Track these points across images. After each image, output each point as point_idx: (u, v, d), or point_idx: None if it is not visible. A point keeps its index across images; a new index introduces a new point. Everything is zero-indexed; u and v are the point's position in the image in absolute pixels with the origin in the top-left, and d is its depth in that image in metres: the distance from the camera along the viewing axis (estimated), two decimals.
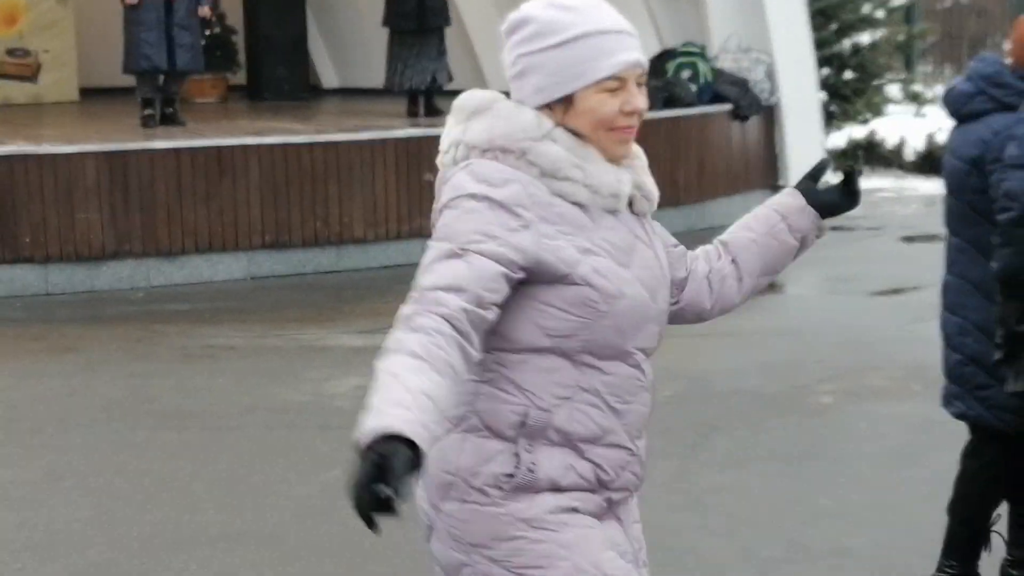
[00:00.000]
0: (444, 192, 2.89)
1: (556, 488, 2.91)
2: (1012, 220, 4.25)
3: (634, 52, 2.92)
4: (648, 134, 14.86)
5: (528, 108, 2.92)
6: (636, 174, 3.02)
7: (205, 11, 12.97)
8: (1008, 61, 4.94)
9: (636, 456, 3.00)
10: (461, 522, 2.93)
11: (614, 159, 2.95)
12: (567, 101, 2.91)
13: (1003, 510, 5.20)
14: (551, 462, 2.91)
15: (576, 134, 2.92)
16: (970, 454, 5.14)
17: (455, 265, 2.76)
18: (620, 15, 2.97)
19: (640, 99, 2.92)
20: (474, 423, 2.93)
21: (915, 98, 19.38)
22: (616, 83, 2.89)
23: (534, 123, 2.89)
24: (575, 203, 2.90)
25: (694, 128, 13.90)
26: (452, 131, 2.96)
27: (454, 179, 2.88)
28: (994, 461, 5.06)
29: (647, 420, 3.04)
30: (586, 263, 2.86)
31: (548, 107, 2.92)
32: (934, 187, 17.23)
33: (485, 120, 2.92)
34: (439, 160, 2.99)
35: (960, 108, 4.97)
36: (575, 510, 2.94)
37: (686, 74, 14.27)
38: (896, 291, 11.05)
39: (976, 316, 4.91)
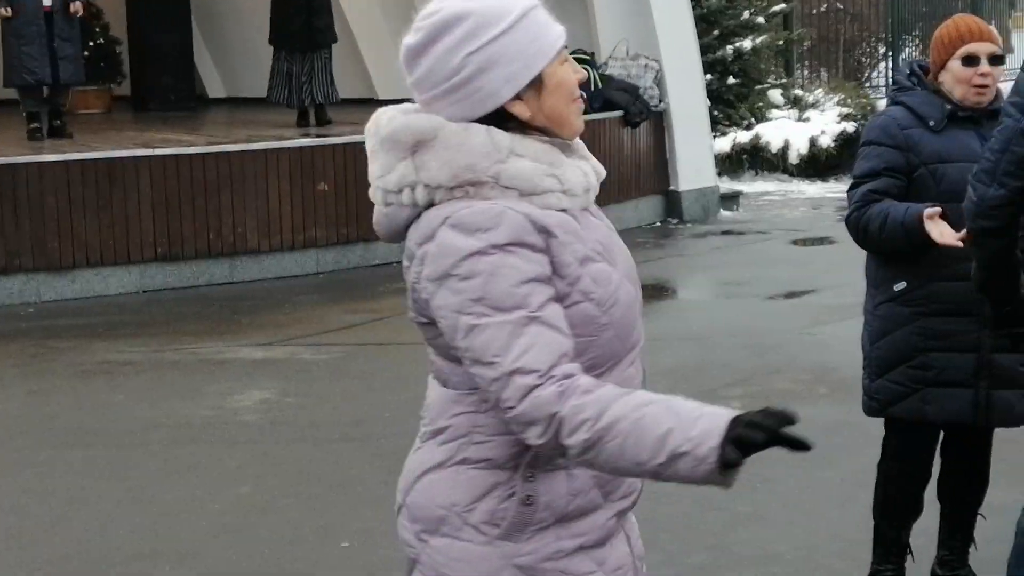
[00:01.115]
0: (435, 258, 2.65)
1: (561, 519, 2.77)
2: (971, 237, 4.30)
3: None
4: None
5: (476, 127, 2.68)
6: (586, 159, 2.87)
7: (77, 6, 12.69)
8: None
9: None
10: (451, 560, 2.78)
11: (575, 133, 2.80)
12: (537, 82, 2.71)
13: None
14: (553, 491, 2.76)
15: (532, 127, 2.73)
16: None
17: (536, 332, 2.60)
18: None
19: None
20: (470, 455, 2.78)
21: (796, 102, 19.57)
22: (564, 50, 2.77)
23: (490, 144, 2.67)
24: (560, 210, 2.73)
25: (585, 135, 13.80)
26: (397, 168, 2.70)
27: (441, 241, 2.64)
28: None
29: None
30: (585, 275, 2.71)
31: (518, 98, 2.71)
32: (819, 190, 17.46)
33: (436, 153, 2.67)
34: (382, 199, 2.74)
35: None
36: (580, 548, 2.79)
37: None
38: (791, 295, 11.16)
39: None
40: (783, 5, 20.48)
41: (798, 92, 19.81)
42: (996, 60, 4.89)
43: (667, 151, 15.09)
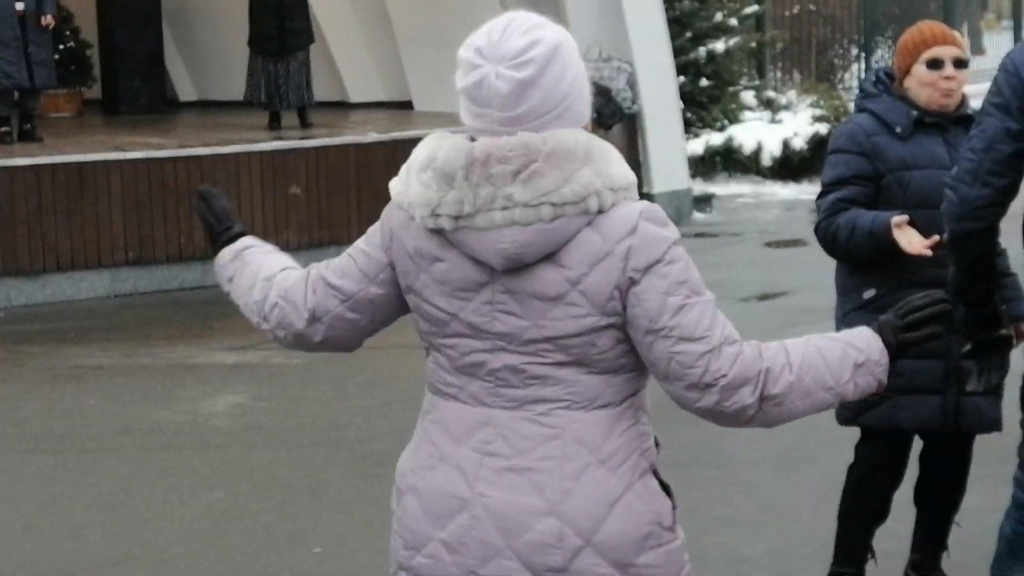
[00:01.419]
0: (641, 248, 2.77)
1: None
2: (948, 240, 4.26)
3: None
4: None
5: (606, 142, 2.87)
6: None
7: (48, 19, 12.66)
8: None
9: None
10: (658, 568, 2.88)
11: None
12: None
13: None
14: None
15: None
16: None
17: (718, 312, 2.84)
18: None
19: None
20: (644, 466, 2.90)
21: (768, 104, 19.59)
22: None
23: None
24: None
25: None
26: (577, 178, 2.74)
27: (645, 233, 2.78)
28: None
29: None
30: None
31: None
32: (792, 192, 17.46)
33: (607, 162, 2.79)
34: (550, 214, 2.75)
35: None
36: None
37: None
38: (764, 297, 11.15)
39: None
40: (755, 7, 20.49)
41: (771, 94, 19.81)
42: (961, 64, 4.90)
43: (640, 153, 15.07)
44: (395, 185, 2.92)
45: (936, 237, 4.51)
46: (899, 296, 4.75)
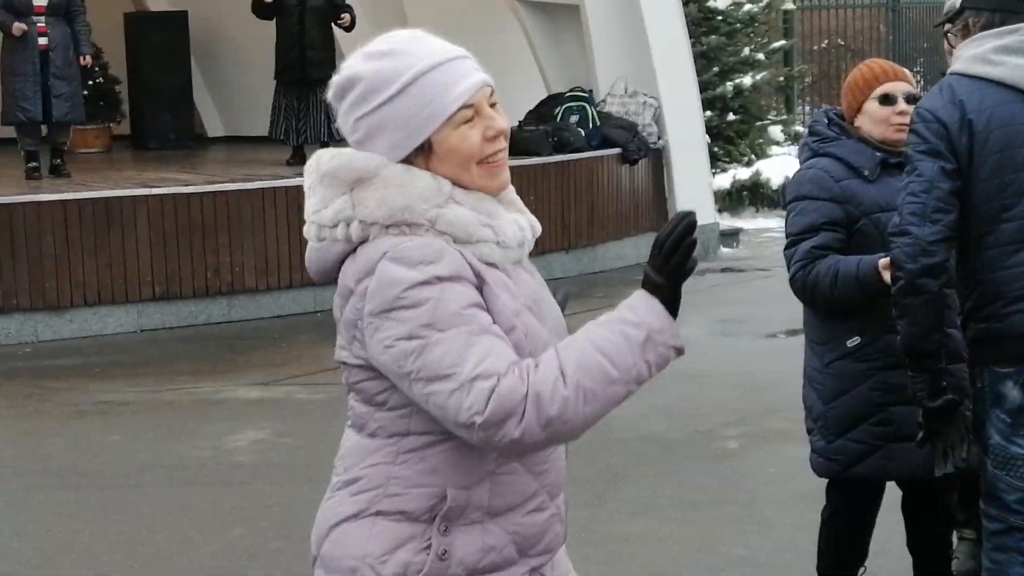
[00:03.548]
0: (376, 292, 2.65)
1: (472, 573, 2.77)
2: (900, 289, 4.26)
3: (477, 73, 2.76)
4: (538, 178, 14.84)
5: (419, 171, 2.71)
6: (523, 213, 2.88)
7: (87, 60, 12.83)
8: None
9: (557, 514, 2.89)
10: None
11: (495, 193, 2.79)
12: (426, 148, 2.73)
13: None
14: (467, 546, 2.77)
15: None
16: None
17: (490, 342, 2.63)
18: (445, 41, 2.82)
19: (501, 119, 2.77)
20: (385, 507, 2.78)
21: (796, 139, 19.56)
22: (470, 111, 2.72)
23: (433, 187, 2.69)
24: (489, 264, 2.74)
25: (583, 172, 13.93)
26: (334, 203, 2.71)
27: (382, 275, 2.65)
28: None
29: (565, 475, 2.94)
30: (519, 328, 2.72)
31: (406, 161, 2.73)
32: None
33: (375, 191, 2.68)
34: (316, 234, 2.75)
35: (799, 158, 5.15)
36: None
37: (574, 118, 14.31)
38: (791, 332, 11.11)
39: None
40: (783, 42, 20.51)
41: (799, 128, 19.81)
42: (912, 99, 4.85)
43: (666, 188, 15.07)
44: None
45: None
46: (885, 340, 4.70)
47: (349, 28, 13.78)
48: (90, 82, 15.38)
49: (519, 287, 2.77)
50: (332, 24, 13.79)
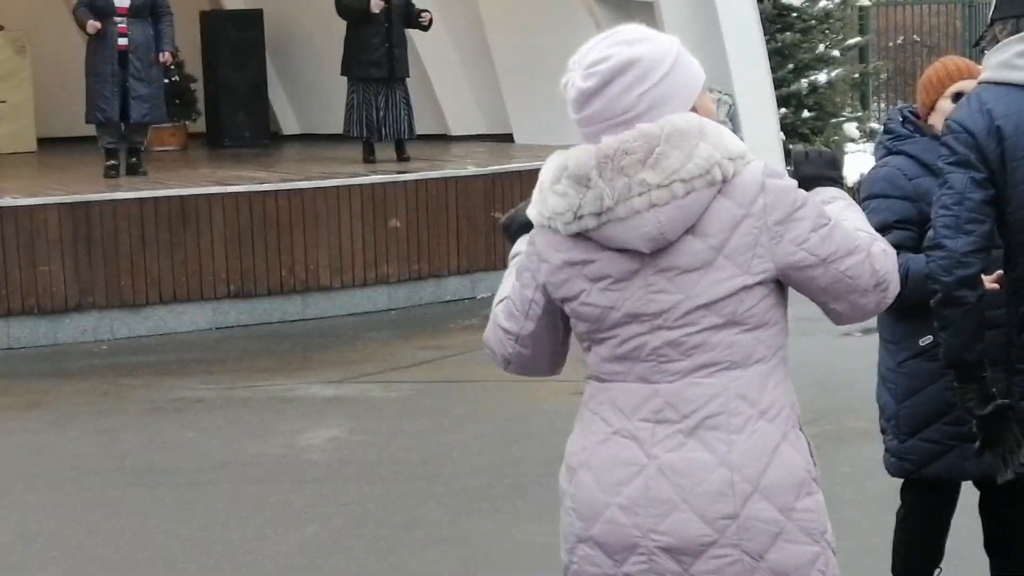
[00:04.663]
0: (776, 203, 3.07)
1: None
2: (939, 302, 4.21)
3: None
4: None
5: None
6: None
7: (166, 57, 12.90)
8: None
9: None
10: (814, 513, 3.14)
11: None
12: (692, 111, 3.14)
13: None
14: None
15: None
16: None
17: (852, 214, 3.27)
18: None
19: None
20: (794, 418, 3.16)
21: (872, 135, 19.42)
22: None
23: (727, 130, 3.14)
24: None
25: None
26: (696, 153, 3.03)
27: (775, 188, 3.08)
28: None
29: None
30: None
31: None
32: None
33: (714, 136, 3.07)
34: (683, 190, 3.04)
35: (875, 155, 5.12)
36: None
37: None
38: (867, 331, 11.00)
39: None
40: (859, 39, 20.34)
41: (874, 125, 19.65)
42: None
43: None
44: (531, 210, 3.20)
45: (1000, 272, 4.39)
46: None
47: (427, 27, 13.82)
48: (167, 80, 15.47)
49: None
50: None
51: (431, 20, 13.79)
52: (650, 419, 3.10)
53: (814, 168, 3.41)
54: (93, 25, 12.44)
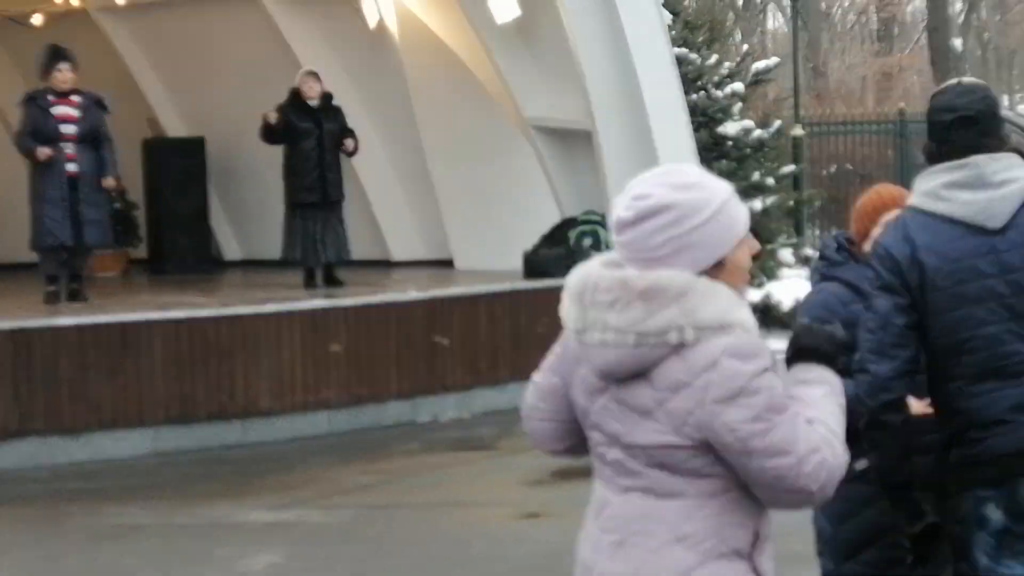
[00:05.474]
0: (722, 383, 3.14)
1: None
2: (865, 425, 4.33)
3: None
4: (554, 302, 14.75)
5: (717, 282, 3.21)
6: None
7: (110, 182, 12.92)
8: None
9: None
10: None
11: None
12: (719, 264, 3.24)
13: None
14: (767, 563, 3.30)
15: None
16: None
17: (801, 420, 3.19)
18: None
19: (754, 240, 3.34)
20: (724, 550, 3.22)
21: (806, 261, 19.66)
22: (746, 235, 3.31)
23: (734, 296, 3.22)
24: None
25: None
26: (661, 314, 3.16)
27: (725, 368, 3.14)
28: None
29: None
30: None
31: (701, 274, 3.22)
32: None
33: (695, 300, 3.17)
34: (635, 342, 3.18)
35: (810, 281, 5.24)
36: None
37: (587, 242, 14.39)
38: None
39: None
40: (793, 167, 20.67)
41: (809, 251, 19.90)
42: None
43: None
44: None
45: (929, 399, 4.49)
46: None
47: (351, 154, 14.00)
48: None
49: None
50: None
51: (356, 147, 13.95)
52: (601, 527, 3.33)
53: (811, 341, 3.41)
54: (44, 152, 12.46)
